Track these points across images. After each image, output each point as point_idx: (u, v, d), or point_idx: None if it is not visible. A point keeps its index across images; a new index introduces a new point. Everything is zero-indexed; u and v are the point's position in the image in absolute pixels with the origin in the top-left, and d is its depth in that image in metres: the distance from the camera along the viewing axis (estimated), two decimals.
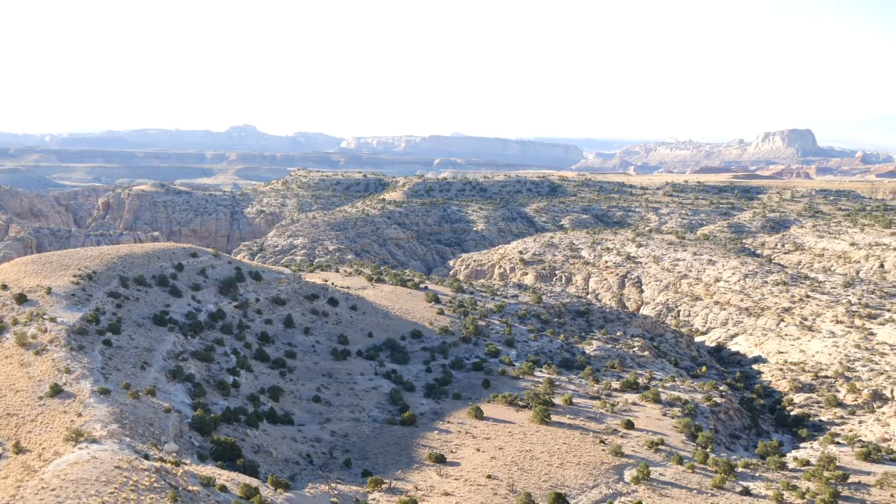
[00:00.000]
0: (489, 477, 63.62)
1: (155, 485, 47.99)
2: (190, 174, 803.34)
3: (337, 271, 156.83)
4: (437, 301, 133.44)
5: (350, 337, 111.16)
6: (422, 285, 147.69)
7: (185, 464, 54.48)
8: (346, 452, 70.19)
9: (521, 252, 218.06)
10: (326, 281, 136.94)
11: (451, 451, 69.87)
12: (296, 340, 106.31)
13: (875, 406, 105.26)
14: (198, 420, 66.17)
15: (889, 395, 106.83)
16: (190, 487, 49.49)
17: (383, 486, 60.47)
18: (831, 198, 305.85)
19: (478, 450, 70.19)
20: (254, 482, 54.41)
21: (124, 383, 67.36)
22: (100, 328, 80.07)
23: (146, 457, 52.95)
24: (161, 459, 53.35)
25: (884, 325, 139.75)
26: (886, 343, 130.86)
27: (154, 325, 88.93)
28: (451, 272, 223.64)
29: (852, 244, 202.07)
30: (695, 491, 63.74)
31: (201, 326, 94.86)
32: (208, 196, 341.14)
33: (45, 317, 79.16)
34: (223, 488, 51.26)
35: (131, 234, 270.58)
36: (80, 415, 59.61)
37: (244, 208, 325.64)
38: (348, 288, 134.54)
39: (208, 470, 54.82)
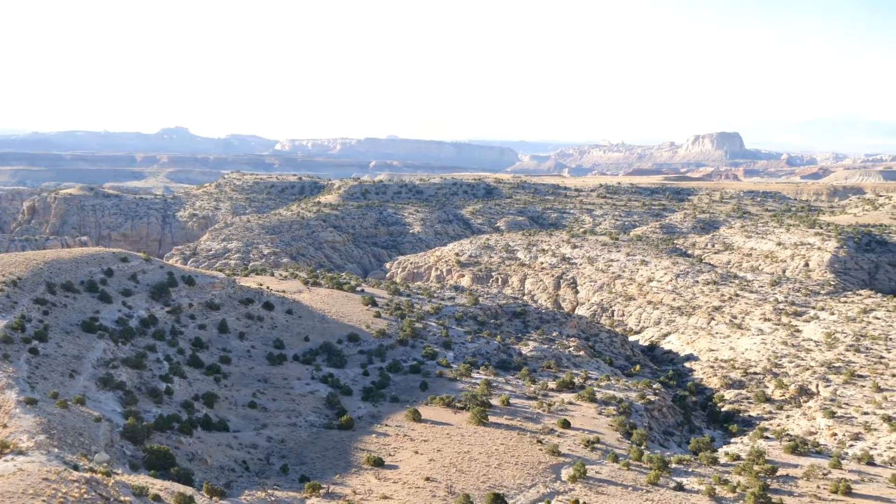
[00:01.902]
0: (428, 479, 63.63)
1: (85, 496, 46.70)
2: (120, 177, 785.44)
3: (272, 275, 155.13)
4: (374, 304, 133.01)
5: (286, 341, 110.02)
6: (358, 288, 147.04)
7: (117, 474, 53.17)
8: (282, 458, 69.40)
9: (457, 254, 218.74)
10: (261, 285, 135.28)
11: (390, 455, 69.67)
12: (230, 346, 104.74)
13: (801, 401, 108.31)
14: (129, 429, 64.63)
15: (815, 389, 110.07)
16: (122, 498, 48.31)
17: (321, 491, 59.97)
18: (759, 199, 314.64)
19: (416, 452, 70.14)
20: (188, 491, 53.41)
21: (52, 392, 65.44)
22: (25, 336, 77.61)
23: (76, 468, 51.52)
24: (91, 470, 51.95)
25: (809, 322, 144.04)
26: (812, 339, 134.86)
27: (83, 332, 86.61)
28: (387, 275, 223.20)
29: (779, 244, 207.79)
30: (630, 488, 64.74)
31: (132, 333, 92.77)
32: (139, 199, 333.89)
33: None
34: (156, 498, 50.19)
35: (58, 238, 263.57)
36: (4, 426, 57.68)
37: (176, 212, 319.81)
38: (284, 292, 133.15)
39: (141, 479, 53.62)
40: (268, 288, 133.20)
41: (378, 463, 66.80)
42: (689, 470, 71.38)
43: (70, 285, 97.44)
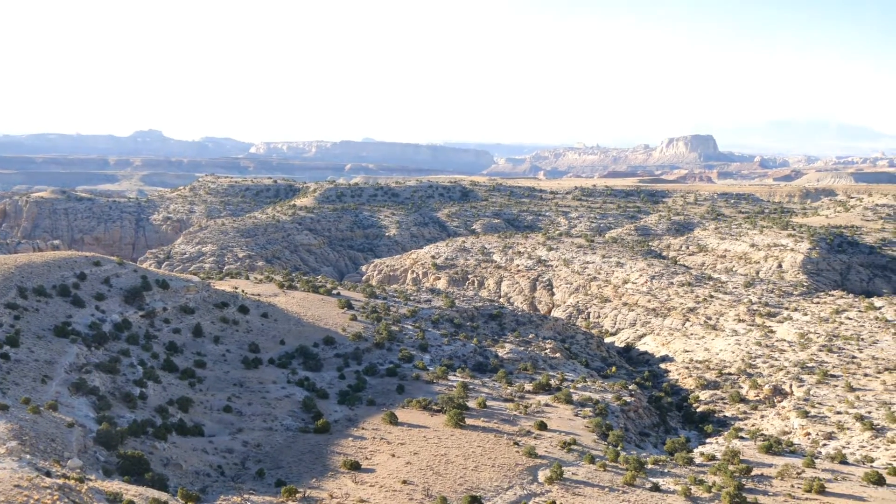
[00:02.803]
0: (404, 482, 63.48)
1: (58, 503, 46.14)
2: (93, 180, 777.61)
3: (247, 278, 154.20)
4: (350, 307, 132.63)
5: (261, 345, 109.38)
6: (334, 291, 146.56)
7: (90, 480, 52.57)
8: (258, 462, 68.95)
9: (433, 257, 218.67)
10: (237, 288, 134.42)
11: (366, 458, 69.44)
12: (205, 350, 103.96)
13: (775, 400, 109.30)
14: (103, 434, 63.90)
15: (788, 389, 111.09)
16: None
17: (297, 495, 59.62)
18: (732, 201, 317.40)
19: (393, 455, 69.97)
20: (163, 496, 52.91)
21: (24, 398, 64.62)
22: None
23: (48, 474, 50.87)
24: (64, 476, 51.32)
25: (782, 322, 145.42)
26: (785, 340, 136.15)
27: (55, 336, 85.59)
28: (363, 278, 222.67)
29: (752, 245, 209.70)
30: (607, 489, 64.96)
31: (106, 337, 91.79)
32: (112, 203, 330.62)
33: None
34: (130, 503, 49.68)
35: (30, 242, 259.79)
36: None
37: (150, 215, 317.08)
38: (259, 295, 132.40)
39: (115, 485, 53.04)
40: (243, 291, 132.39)
41: (355, 466, 66.56)
42: (665, 470, 71.77)
43: (42, 290, 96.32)
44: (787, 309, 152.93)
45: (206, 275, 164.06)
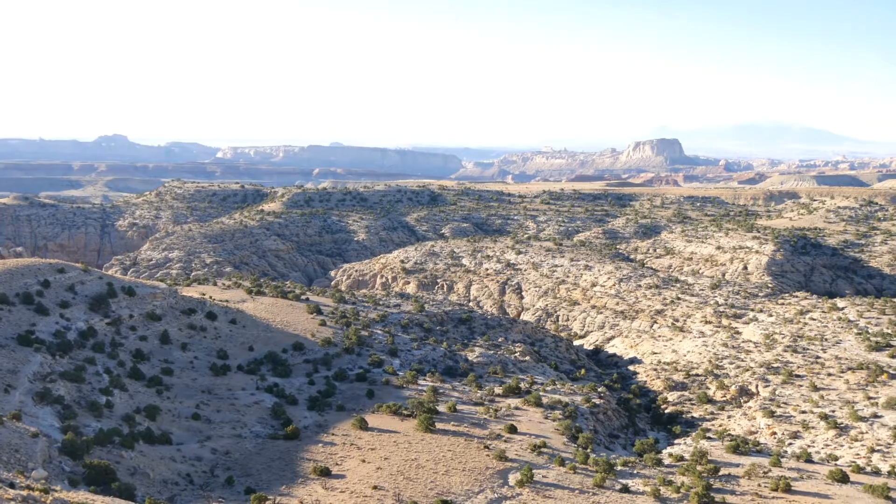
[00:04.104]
0: (375, 488, 63.30)
1: None
2: (56, 186, 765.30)
3: (215, 284, 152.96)
4: (319, 312, 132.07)
5: (230, 351, 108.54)
6: (303, 297, 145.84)
7: (56, 490, 51.81)
8: (227, 470, 68.36)
9: (402, 261, 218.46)
10: (204, 295, 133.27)
11: (337, 464, 69.14)
12: (173, 357, 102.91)
13: (742, 401, 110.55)
14: (68, 444, 62.99)
15: (754, 390, 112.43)
16: None
17: (267, 502, 59.21)
18: (698, 204, 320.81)
19: (363, 461, 69.73)
20: None
21: None
22: None
23: (12, 485, 50.06)
24: (28, 487, 50.53)
25: (748, 323, 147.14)
26: (751, 341, 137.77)
27: (18, 345, 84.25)
28: (332, 283, 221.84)
29: (718, 248, 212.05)
30: (577, 491, 65.24)
31: (71, 345, 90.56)
32: (77, 209, 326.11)
33: None
34: None
35: None
36: None
37: (116, 221, 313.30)
38: (227, 301, 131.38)
39: (80, 496, 52.32)
40: (211, 298, 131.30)
41: (325, 472, 66.25)
42: (635, 472, 72.23)
43: (4, 298, 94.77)
44: (752, 310, 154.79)
45: (173, 281, 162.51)
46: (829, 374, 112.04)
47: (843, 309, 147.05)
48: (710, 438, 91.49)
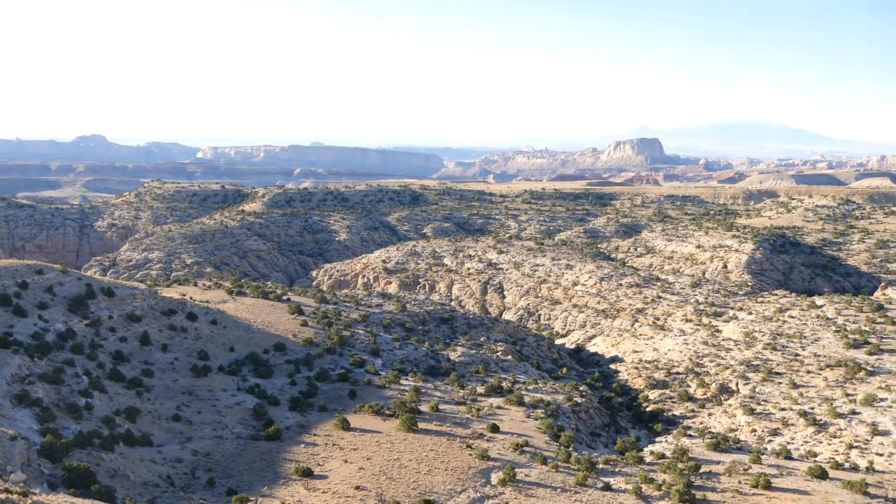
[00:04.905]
0: (357, 488, 63.20)
1: None
2: (34, 186, 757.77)
3: (195, 285, 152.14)
4: (301, 312, 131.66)
5: (211, 352, 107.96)
6: (284, 297, 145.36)
7: (34, 493, 51.34)
8: (209, 471, 68.02)
9: (384, 261, 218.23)
10: (185, 295, 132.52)
11: (319, 464, 68.97)
12: (153, 358, 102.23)
13: (722, 399, 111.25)
14: (47, 446, 62.45)
15: (734, 387, 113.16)
16: None
17: (248, 503, 59.00)
18: (678, 203, 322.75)
19: (345, 461, 69.60)
20: None
21: None
22: None
23: None
24: (7, 491, 50.05)
25: (728, 322, 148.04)
26: (731, 339, 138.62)
27: None
28: (314, 283, 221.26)
29: (698, 246, 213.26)
30: (559, 489, 65.42)
31: (49, 347, 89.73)
32: (55, 210, 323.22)
33: None
34: None
35: None
36: None
37: (94, 222, 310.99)
38: (208, 302, 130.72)
39: (60, 499, 51.88)
40: (191, 298, 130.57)
41: (307, 473, 66.06)
42: (617, 470, 72.52)
43: None
44: (732, 308, 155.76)
45: (152, 282, 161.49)
46: (808, 372, 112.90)
47: (821, 307, 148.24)
48: (690, 436, 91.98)
